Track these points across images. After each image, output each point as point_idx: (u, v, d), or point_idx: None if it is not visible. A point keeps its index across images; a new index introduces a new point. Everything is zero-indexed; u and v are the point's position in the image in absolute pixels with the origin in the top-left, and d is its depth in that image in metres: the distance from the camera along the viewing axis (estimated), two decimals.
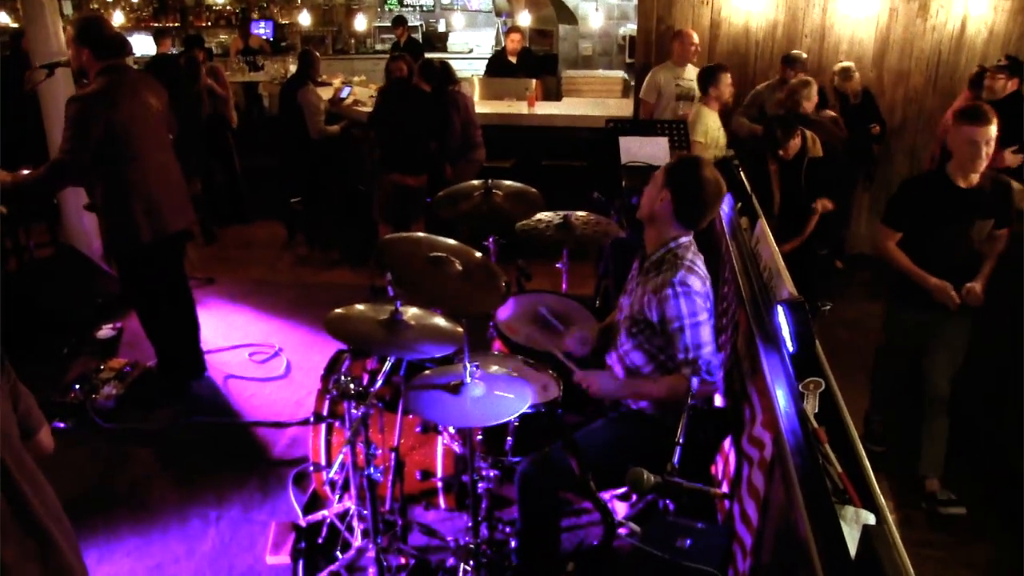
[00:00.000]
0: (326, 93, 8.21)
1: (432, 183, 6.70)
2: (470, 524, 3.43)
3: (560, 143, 8.03)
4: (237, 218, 8.64)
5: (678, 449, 2.49)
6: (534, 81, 9.11)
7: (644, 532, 2.31)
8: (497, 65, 9.99)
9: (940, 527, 4.09)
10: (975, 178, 4.07)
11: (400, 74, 7.01)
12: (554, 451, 3.03)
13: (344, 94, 8.32)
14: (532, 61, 10.27)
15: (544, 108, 8.59)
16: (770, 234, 3.66)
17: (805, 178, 5.59)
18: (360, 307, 3.25)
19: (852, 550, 1.90)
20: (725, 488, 3.43)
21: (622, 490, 3.73)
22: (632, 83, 9.49)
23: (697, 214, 3.12)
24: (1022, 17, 7.30)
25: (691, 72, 7.09)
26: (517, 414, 2.86)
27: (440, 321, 3.27)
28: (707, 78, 6.15)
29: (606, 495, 3.95)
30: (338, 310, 3.16)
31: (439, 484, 3.63)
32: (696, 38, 7.09)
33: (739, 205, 4.51)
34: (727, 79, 6.15)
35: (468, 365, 2.93)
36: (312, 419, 3.70)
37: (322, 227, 7.97)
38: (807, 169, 5.59)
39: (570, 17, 12.01)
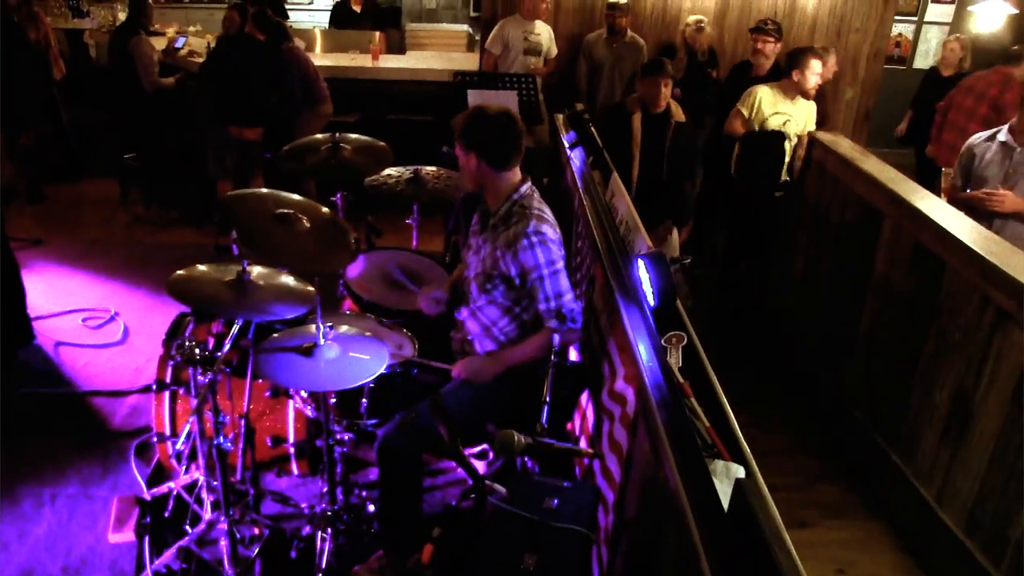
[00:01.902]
0: (159, 43, 7.76)
1: (271, 137, 6.45)
2: (325, 490, 3.34)
3: (405, 97, 7.89)
4: (67, 175, 8.08)
5: (545, 408, 2.45)
6: (378, 34, 8.90)
7: (510, 493, 2.27)
8: (341, 15, 9.70)
9: (789, 473, 4.28)
10: None
11: (233, 26, 6.69)
12: (421, 415, 2.96)
13: (179, 44, 7.88)
14: (377, 12, 10.02)
15: (389, 61, 8.40)
16: (624, 188, 3.68)
17: (670, 142, 5.14)
18: (204, 267, 3.08)
19: (724, 504, 1.92)
20: (584, 444, 3.45)
21: (479, 448, 3.71)
22: (477, 37, 9.41)
23: (508, 152, 3.05)
24: None
25: (540, 27, 7.05)
26: (374, 376, 2.78)
27: (290, 280, 3.14)
28: (792, 60, 5.48)
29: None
30: (180, 271, 2.98)
31: (291, 450, 3.50)
32: None
33: (591, 159, 4.52)
34: (816, 67, 5.38)
35: (322, 326, 2.82)
36: (154, 387, 3.49)
37: (159, 184, 7.56)
38: (674, 132, 5.13)
39: None
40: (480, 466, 3.83)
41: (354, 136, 4.18)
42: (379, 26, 9.46)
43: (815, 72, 5.37)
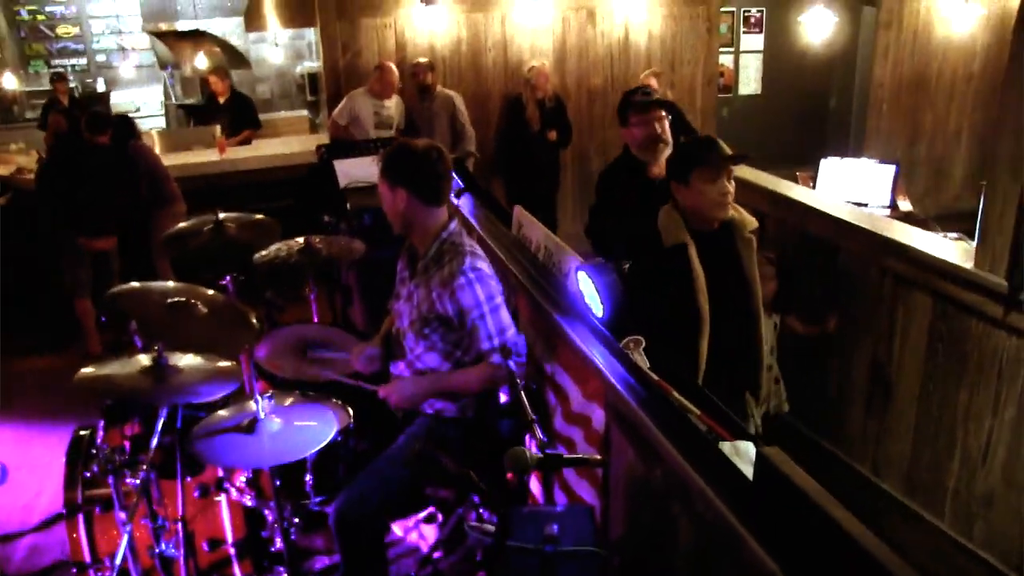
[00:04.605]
0: None
1: (125, 245, 6.10)
2: None
3: (260, 186, 7.61)
4: None
5: (537, 426, 2.30)
6: (218, 127, 8.58)
7: (508, 530, 2.11)
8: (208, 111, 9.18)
9: None
10: None
11: (60, 128, 6.31)
12: (424, 447, 2.76)
13: None
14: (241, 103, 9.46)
15: (238, 152, 8.13)
16: (531, 216, 3.62)
17: None
18: (90, 369, 2.76)
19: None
20: (538, 483, 3.30)
21: (425, 513, 3.51)
22: (317, 121, 9.27)
23: (439, 187, 2.95)
24: (674, 20, 8.12)
25: (391, 102, 6.98)
26: (327, 441, 2.57)
27: (207, 360, 2.89)
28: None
29: (410, 523, 3.72)
30: (86, 370, 2.69)
31: (231, 551, 3.20)
32: (396, 72, 6.94)
33: (479, 202, 4.47)
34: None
35: (260, 399, 2.60)
36: (65, 512, 3.12)
37: (5, 311, 6.98)
38: None
39: (242, 61, 11.51)
40: (431, 530, 3.63)
41: (235, 214, 3.97)
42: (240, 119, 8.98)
43: None
